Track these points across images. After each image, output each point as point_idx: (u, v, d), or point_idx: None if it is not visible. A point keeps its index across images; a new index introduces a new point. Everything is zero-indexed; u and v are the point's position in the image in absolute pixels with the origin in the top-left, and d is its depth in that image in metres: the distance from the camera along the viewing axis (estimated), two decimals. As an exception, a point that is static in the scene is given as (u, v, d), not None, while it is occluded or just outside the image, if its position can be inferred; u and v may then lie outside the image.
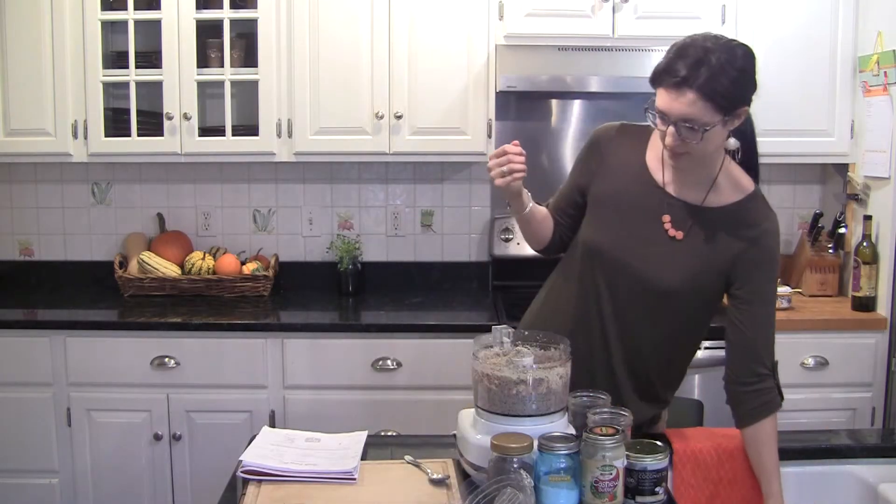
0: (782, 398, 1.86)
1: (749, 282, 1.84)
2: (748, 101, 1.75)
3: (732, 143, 1.84)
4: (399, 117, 3.13)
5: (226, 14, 3.12)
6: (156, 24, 3.12)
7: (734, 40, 1.75)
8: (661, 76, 1.73)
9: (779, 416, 2.97)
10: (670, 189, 1.88)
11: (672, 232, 1.86)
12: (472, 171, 3.51)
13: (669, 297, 1.87)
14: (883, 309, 3.02)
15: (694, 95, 1.68)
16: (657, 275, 1.85)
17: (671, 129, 1.73)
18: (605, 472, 1.52)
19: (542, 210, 2.01)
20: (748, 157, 1.90)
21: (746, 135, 1.88)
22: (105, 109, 3.17)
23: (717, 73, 1.68)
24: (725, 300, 1.91)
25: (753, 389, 1.83)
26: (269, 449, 1.81)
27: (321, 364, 2.95)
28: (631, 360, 1.93)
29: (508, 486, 1.44)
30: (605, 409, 1.69)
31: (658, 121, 1.76)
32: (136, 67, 3.15)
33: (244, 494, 1.65)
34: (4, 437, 2.97)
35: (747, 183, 1.89)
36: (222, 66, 3.16)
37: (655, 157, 1.90)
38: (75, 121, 3.15)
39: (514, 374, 1.61)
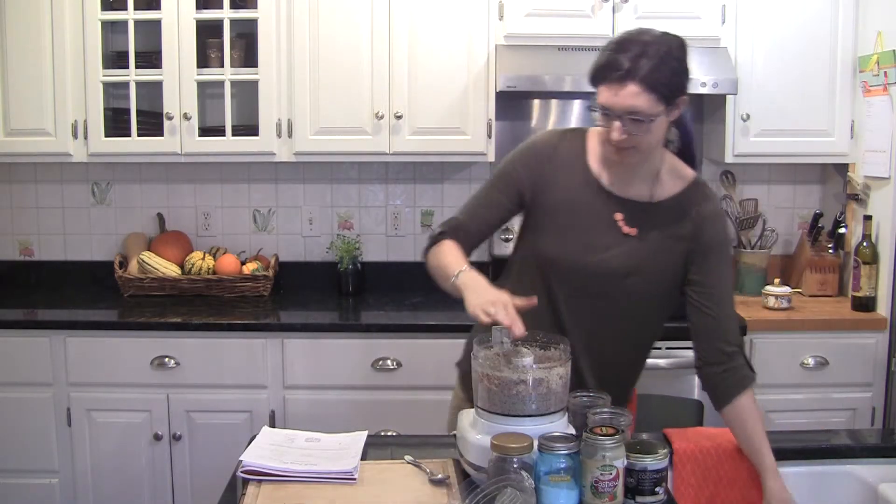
0: (755, 374, 1.86)
1: (705, 265, 1.87)
2: (686, 91, 1.79)
3: (672, 132, 1.87)
4: (399, 117, 3.13)
5: (226, 14, 3.12)
6: (156, 24, 3.12)
7: (668, 32, 1.79)
8: (602, 72, 1.76)
9: (779, 416, 3.00)
10: (616, 190, 1.89)
11: (626, 230, 1.87)
12: (472, 171, 3.51)
13: (632, 296, 1.89)
14: (883, 309, 3.02)
15: (637, 87, 1.71)
16: (618, 275, 1.87)
17: (617, 123, 1.75)
18: (605, 472, 1.52)
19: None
20: (687, 147, 1.94)
21: (684, 125, 1.92)
22: (105, 109, 3.17)
23: (658, 64, 1.72)
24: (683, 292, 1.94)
25: (725, 369, 1.83)
26: (269, 449, 1.81)
27: (321, 364, 2.95)
28: (597, 364, 1.93)
29: (509, 486, 1.45)
30: (605, 409, 1.69)
31: (602, 118, 1.78)
32: (136, 67, 3.15)
33: (244, 494, 1.65)
34: (4, 437, 2.97)
35: (688, 171, 1.93)
36: (222, 66, 3.16)
37: (596, 160, 1.91)
38: (75, 121, 3.15)
39: (514, 374, 1.61)
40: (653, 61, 1.72)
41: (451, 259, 1.86)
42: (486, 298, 1.69)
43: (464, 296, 1.74)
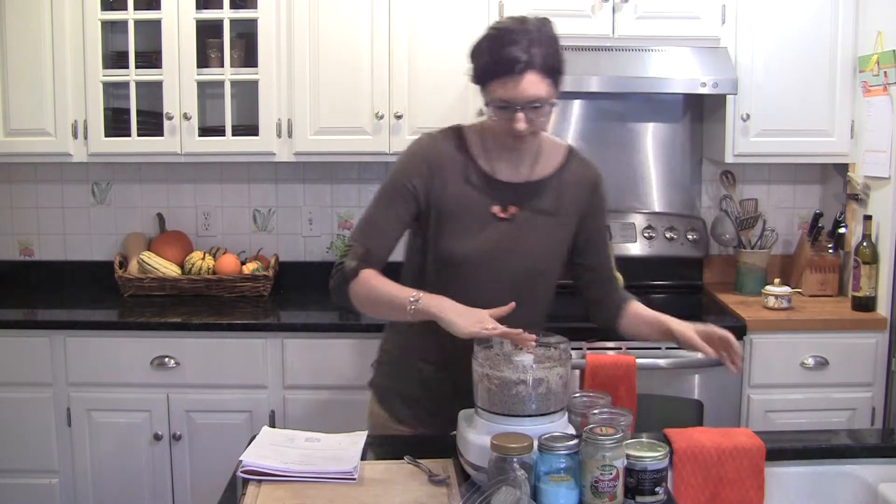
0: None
1: (594, 220, 2.03)
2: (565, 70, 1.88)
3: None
4: (399, 117, 3.13)
5: (226, 14, 3.12)
6: (156, 24, 3.12)
7: (539, 17, 1.86)
8: (496, 68, 1.79)
9: (779, 416, 3.01)
10: (504, 176, 1.95)
11: (507, 213, 1.93)
12: (472, 171, 3.51)
13: (532, 276, 1.96)
14: (883, 309, 3.02)
15: (536, 76, 1.78)
16: (518, 259, 1.94)
17: (520, 114, 1.79)
18: (605, 472, 1.52)
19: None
20: None
21: None
22: (105, 109, 3.17)
23: (548, 51, 1.80)
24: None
25: (609, 295, 2.08)
26: (269, 449, 1.81)
27: (321, 364, 2.95)
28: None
29: (505, 484, 1.45)
30: (605, 409, 1.69)
31: (499, 112, 1.82)
32: (136, 67, 3.16)
33: (244, 494, 1.65)
34: (4, 437, 2.97)
35: (560, 143, 2.04)
36: (222, 66, 3.16)
37: (480, 152, 1.95)
38: (75, 121, 3.15)
39: (514, 374, 1.61)
40: (543, 48, 1.79)
41: (391, 288, 1.87)
42: (474, 318, 1.72)
43: (440, 319, 1.75)
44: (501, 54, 1.77)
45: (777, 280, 3.19)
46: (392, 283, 1.89)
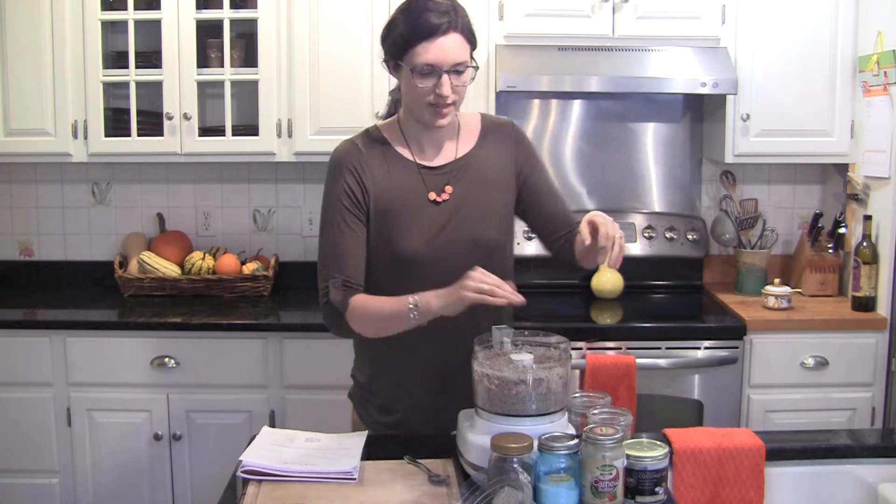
0: None
1: (534, 171, 2.02)
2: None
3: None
4: (399, 117, 3.13)
5: (226, 14, 3.12)
6: (156, 24, 3.12)
7: None
8: (420, 31, 1.78)
9: (779, 415, 3.01)
10: (431, 161, 1.95)
11: (444, 196, 1.92)
12: (472, 171, 3.51)
13: (485, 250, 1.93)
14: (883, 309, 3.02)
15: (459, 37, 1.80)
16: (465, 238, 1.92)
17: (445, 77, 1.80)
18: (605, 472, 1.52)
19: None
20: None
21: None
22: (105, 109, 3.17)
23: (464, 14, 1.83)
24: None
25: (572, 231, 1.96)
26: (269, 449, 1.81)
27: (321, 364, 2.95)
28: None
29: (506, 485, 1.45)
30: (605, 409, 1.69)
31: (423, 78, 1.81)
32: (136, 67, 3.16)
33: (244, 494, 1.65)
34: (4, 437, 2.97)
35: (472, 114, 2.03)
36: (222, 66, 3.16)
37: (401, 145, 1.95)
38: (75, 121, 3.15)
39: (514, 374, 1.61)
40: (460, 12, 1.82)
41: (385, 304, 1.83)
42: (465, 283, 1.71)
43: (445, 304, 1.74)
44: (423, 17, 1.78)
45: (777, 280, 3.19)
46: (383, 299, 1.85)
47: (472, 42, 1.85)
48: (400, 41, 1.82)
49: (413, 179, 1.93)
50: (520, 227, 2.10)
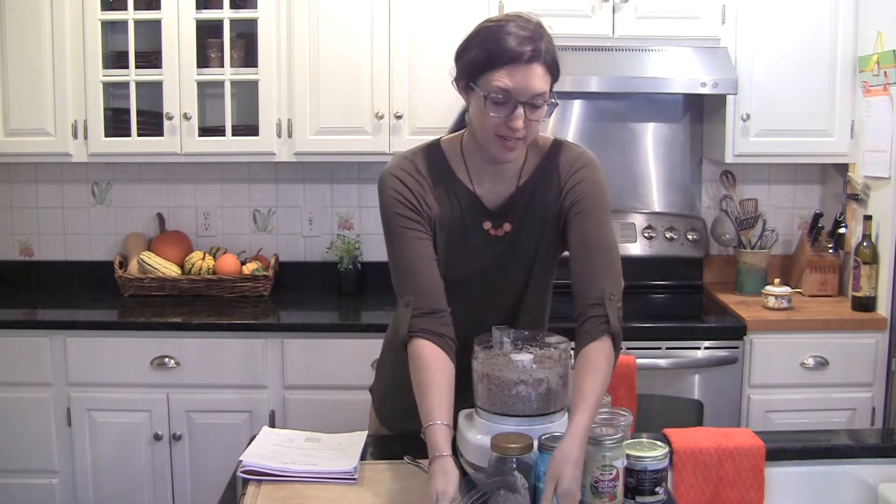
0: (611, 325, 1.67)
1: (574, 200, 1.78)
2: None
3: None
4: (399, 117, 3.13)
5: (226, 14, 3.12)
6: (156, 24, 3.12)
7: (524, 13, 1.72)
8: (501, 56, 1.64)
9: (779, 416, 3.00)
10: (489, 200, 1.81)
11: (496, 232, 1.81)
12: (472, 171, 3.51)
13: (530, 282, 1.84)
14: (883, 309, 3.02)
15: (542, 69, 1.65)
16: (514, 271, 1.83)
17: (520, 110, 1.65)
18: (605, 472, 1.52)
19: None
20: None
21: None
22: (105, 109, 3.17)
23: (549, 42, 1.68)
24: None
25: (586, 318, 1.69)
26: (269, 449, 1.81)
27: (321, 364, 2.95)
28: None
29: (502, 488, 1.45)
30: (605, 409, 1.69)
31: (496, 107, 1.66)
32: (136, 67, 3.16)
33: (244, 494, 1.66)
34: (4, 437, 2.97)
35: (544, 139, 1.85)
36: (222, 66, 3.16)
37: (461, 169, 1.81)
38: (75, 121, 3.15)
39: (514, 374, 1.61)
40: (548, 43, 1.67)
41: (423, 390, 1.65)
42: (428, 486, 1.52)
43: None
44: (507, 41, 1.64)
45: (777, 280, 3.19)
46: (428, 383, 1.65)
47: (554, 75, 1.69)
48: (478, 62, 1.68)
49: (467, 209, 1.80)
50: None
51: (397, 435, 2.01)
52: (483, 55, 1.67)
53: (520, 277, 1.86)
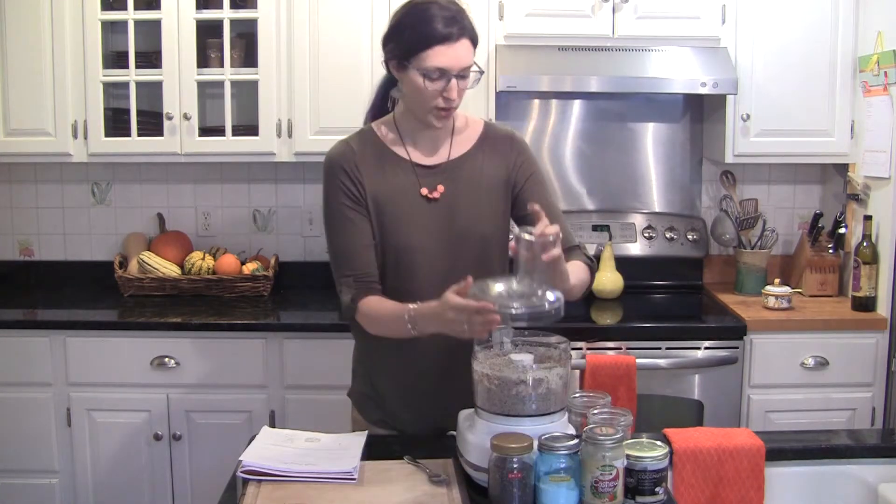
0: (594, 268, 2.00)
1: (527, 182, 1.99)
2: None
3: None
4: (399, 117, 3.13)
5: (226, 14, 3.12)
6: (156, 24, 3.12)
7: None
8: (433, 36, 1.81)
9: (779, 416, 3.00)
10: (425, 160, 1.98)
11: (434, 195, 1.94)
12: (472, 171, 3.51)
13: (477, 244, 1.95)
14: (883, 309, 3.02)
15: (468, 43, 1.85)
16: (458, 233, 1.94)
17: (453, 82, 1.84)
18: (605, 472, 1.52)
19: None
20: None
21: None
22: (105, 109, 3.17)
23: (469, 18, 1.88)
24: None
25: (576, 253, 1.96)
26: (268, 449, 1.81)
27: (321, 364, 2.95)
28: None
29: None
30: (605, 409, 1.69)
31: (432, 82, 1.84)
32: (136, 67, 3.16)
33: (244, 494, 1.65)
34: (4, 437, 2.97)
35: (475, 118, 2.07)
36: (222, 66, 3.16)
37: (395, 141, 1.99)
38: (75, 121, 3.15)
39: (514, 374, 1.61)
40: (467, 18, 1.87)
41: (389, 310, 1.84)
42: (448, 318, 1.66)
43: (441, 331, 1.73)
44: (435, 22, 1.81)
45: (777, 280, 3.19)
46: (387, 306, 1.87)
47: (476, 44, 1.89)
48: (410, 44, 1.84)
49: (407, 176, 1.96)
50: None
51: (397, 435, 2.02)
52: (415, 37, 1.83)
53: (472, 242, 1.96)
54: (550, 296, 1.60)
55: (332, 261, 1.98)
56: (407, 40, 1.84)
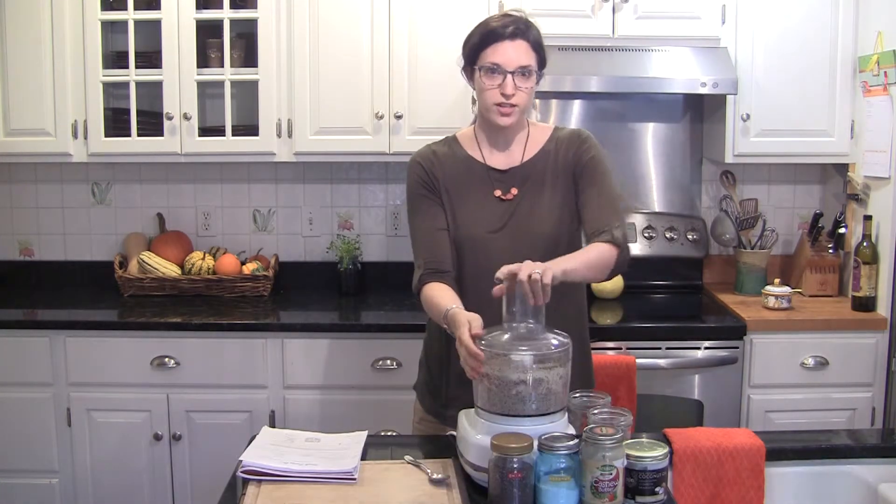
0: (619, 241, 2.00)
1: (584, 175, 2.09)
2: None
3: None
4: (399, 117, 3.13)
5: (226, 14, 3.12)
6: (156, 24, 3.12)
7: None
8: (491, 36, 2.00)
9: (779, 416, 3.00)
10: (499, 165, 2.11)
11: (506, 196, 2.08)
12: (472, 171, 3.51)
13: (545, 241, 2.05)
14: (883, 309, 3.02)
15: (526, 44, 2.01)
16: (528, 230, 2.06)
17: (509, 78, 1.98)
18: (605, 472, 1.52)
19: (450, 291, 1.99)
20: None
21: None
22: (105, 109, 3.17)
23: (535, 29, 2.05)
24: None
25: (600, 235, 2.02)
26: (269, 449, 1.81)
27: (321, 364, 2.95)
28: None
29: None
30: (605, 409, 1.69)
31: (490, 78, 2.00)
32: (136, 67, 3.16)
33: (244, 494, 1.66)
34: (4, 437, 2.97)
35: (545, 125, 2.21)
36: (222, 66, 3.16)
37: (473, 146, 2.14)
38: (75, 121, 3.15)
39: (514, 374, 1.61)
40: (533, 29, 2.05)
41: (439, 302, 1.93)
42: (456, 338, 1.73)
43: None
44: (495, 27, 2.00)
45: (777, 280, 3.19)
46: (440, 297, 1.94)
47: (539, 54, 2.04)
48: (474, 47, 2.03)
49: (482, 178, 2.11)
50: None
51: (397, 435, 2.02)
52: (476, 40, 2.04)
53: (541, 240, 2.06)
54: (555, 340, 1.68)
55: (412, 246, 2.14)
56: (472, 45, 2.04)
